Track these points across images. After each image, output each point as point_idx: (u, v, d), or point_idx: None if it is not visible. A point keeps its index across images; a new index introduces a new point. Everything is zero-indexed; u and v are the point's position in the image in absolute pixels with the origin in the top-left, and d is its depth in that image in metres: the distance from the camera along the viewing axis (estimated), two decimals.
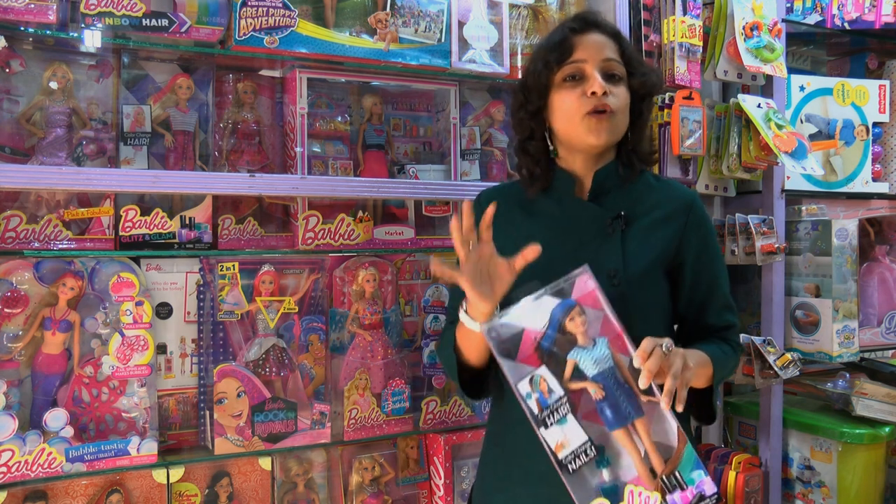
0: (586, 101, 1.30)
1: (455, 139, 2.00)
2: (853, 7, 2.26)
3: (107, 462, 1.53)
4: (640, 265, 1.32)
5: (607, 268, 1.30)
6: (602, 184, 1.37)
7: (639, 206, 1.37)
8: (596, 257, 1.29)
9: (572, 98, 1.32)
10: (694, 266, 1.39)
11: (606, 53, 1.33)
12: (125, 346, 1.59)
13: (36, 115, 1.61)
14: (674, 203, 1.39)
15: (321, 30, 1.74)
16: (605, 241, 1.33)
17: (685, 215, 1.38)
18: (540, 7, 2.04)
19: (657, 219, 1.37)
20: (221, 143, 1.79)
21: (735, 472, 2.04)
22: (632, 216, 1.35)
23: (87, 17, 1.53)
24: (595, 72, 1.31)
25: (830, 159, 2.26)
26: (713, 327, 1.43)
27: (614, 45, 1.35)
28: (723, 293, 1.44)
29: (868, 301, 2.32)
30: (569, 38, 1.33)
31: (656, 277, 1.35)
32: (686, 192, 1.43)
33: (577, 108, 1.31)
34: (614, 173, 1.38)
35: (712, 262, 1.42)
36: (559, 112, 1.35)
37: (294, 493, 1.78)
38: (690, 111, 1.95)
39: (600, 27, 1.36)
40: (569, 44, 1.33)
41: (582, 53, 1.32)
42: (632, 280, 1.30)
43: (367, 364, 1.80)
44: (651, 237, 1.35)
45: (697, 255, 1.39)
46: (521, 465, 1.34)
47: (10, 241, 1.54)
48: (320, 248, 1.79)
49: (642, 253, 1.33)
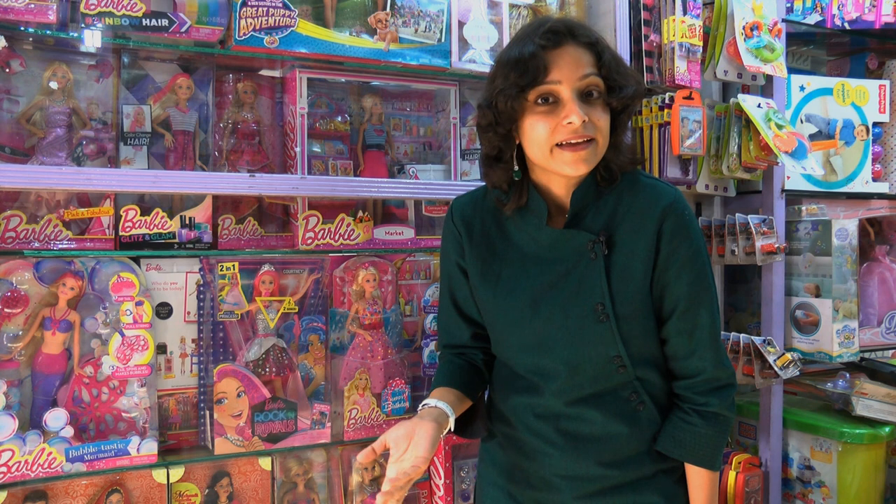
0: (562, 130, 1.16)
1: (455, 139, 2.00)
2: (853, 7, 2.26)
3: (107, 462, 1.53)
4: (627, 294, 1.21)
5: (592, 301, 1.21)
6: (581, 201, 1.25)
7: (619, 221, 1.24)
8: (580, 288, 1.22)
9: (546, 126, 1.17)
10: (657, 283, 1.23)
11: (583, 70, 1.17)
12: (125, 346, 1.59)
13: (36, 115, 1.61)
14: (649, 213, 1.23)
15: (321, 30, 1.74)
16: (588, 268, 1.22)
17: (658, 224, 1.22)
18: (540, 7, 2.04)
19: (638, 235, 1.22)
20: (221, 143, 1.79)
21: (735, 472, 2.04)
22: (613, 235, 1.23)
23: (87, 17, 1.53)
24: (572, 96, 1.16)
25: (830, 159, 2.26)
26: (678, 380, 1.26)
27: (591, 55, 1.19)
28: (698, 326, 1.23)
29: (868, 301, 2.32)
30: (540, 55, 1.16)
31: (645, 304, 1.23)
32: (663, 195, 1.24)
33: (550, 137, 1.17)
34: (592, 186, 1.25)
35: (679, 280, 1.22)
36: (530, 139, 1.20)
37: (294, 493, 1.78)
38: (690, 111, 1.95)
39: (575, 37, 1.18)
40: (542, 63, 1.15)
41: (556, 74, 1.15)
42: (619, 312, 1.21)
43: (367, 364, 1.80)
44: (634, 259, 1.22)
45: (663, 269, 1.22)
46: (516, 468, 1.33)
47: (10, 241, 1.54)
48: (320, 248, 1.79)
49: (627, 281, 1.22)
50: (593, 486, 1.26)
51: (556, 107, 1.17)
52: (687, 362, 1.25)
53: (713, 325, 1.25)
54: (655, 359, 1.28)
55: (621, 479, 1.26)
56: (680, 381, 1.27)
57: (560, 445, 1.26)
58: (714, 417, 1.24)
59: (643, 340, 1.25)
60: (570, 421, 1.26)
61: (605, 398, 1.25)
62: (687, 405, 1.25)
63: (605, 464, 1.25)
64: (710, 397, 1.24)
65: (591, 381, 1.25)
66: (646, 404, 1.26)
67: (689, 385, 1.25)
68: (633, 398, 1.25)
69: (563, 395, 1.26)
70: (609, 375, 1.24)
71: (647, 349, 1.26)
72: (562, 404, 1.26)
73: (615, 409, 1.25)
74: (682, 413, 1.25)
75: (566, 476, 1.27)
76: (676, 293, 1.23)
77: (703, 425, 1.23)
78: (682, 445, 1.24)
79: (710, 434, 1.23)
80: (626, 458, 1.26)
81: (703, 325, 1.24)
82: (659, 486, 1.27)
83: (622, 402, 1.25)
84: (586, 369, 1.24)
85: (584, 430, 1.26)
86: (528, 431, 1.30)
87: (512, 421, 1.33)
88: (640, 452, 1.26)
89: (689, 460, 1.25)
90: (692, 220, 1.26)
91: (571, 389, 1.25)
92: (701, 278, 1.24)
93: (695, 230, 1.25)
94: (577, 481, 1.26)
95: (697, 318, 1.23)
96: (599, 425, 1.25)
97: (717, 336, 1.26)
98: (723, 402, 1.24)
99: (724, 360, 1.26)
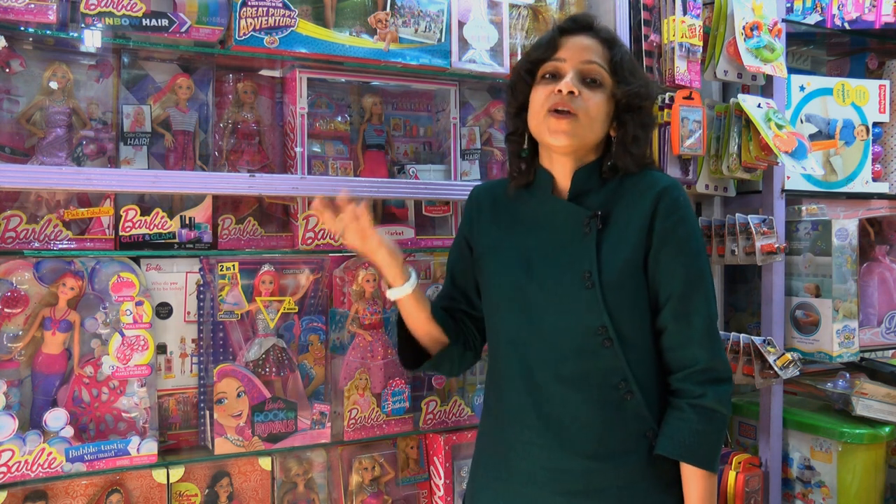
0: (553, 97, 1.27)
1: (455, 139, 2.00)
2: (853, 7, 2.26)
3: (107, 462, 1.53)
4: (614, 266, 1.26)
5: (581, 269, 1.27)
6: (582, 184, 1.32)
7: (618, 203, 1.30)
8: (572, 259, 1.28)
9: (542, 94, 1.29)
10: (653, 265, 1.27)
11: (589, 56, 1.29)
12: (125, 346, 1.59)
13: (36, 115, 1.61)
14: (646, 193, 1.29)
15: (321, 30, 1.74)
16: (581, 241, 1.29)
17: (653, 204, 1.27)
18: (540, 7, 2.04)
19: (632, 213, 1.28)
20: (221, 143, 1.79)
21: (735, 472, 2.04)
22: (610, 214, 1.29)
23: (87, 17, 1.53)
24: (571, 72, 1.28)
25: (830, 159, 2.26)
26: (673, 372, 1.28)
27: (604, 50, 1.30)
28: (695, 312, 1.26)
29: (868, 301, 2.32)
30: (556, 37, 1.31)
31: (634, 278, 1.27)
32: (661, 179, 1.31)
33: (542, 104, 1.28)
34: (596, 173, 1.33)
35: (675, 263, 1.26)
36: (531, 108, 1.32)
37: (294, 493, 1.78)
38: (690, 111, 1.95)
39: (593, 31, 1.32)
40: (554, 43, 1.31)
41: (563, 53, 1.30)
42: (606, 281, 1.25)
43: (367, 364, 1.80)
44: (626, 234, 1.27)
45: (658, 247, 1.26)
46: (503, 462, 1.34)
47: (10, 241, 1.53)
48: (320, 248, 1.79)
49: (617, 253, 1.26)
50: (577, 483, 1.26)
51: (556, 80, 1.29)
52: (683, 352, 1.26)
53: (709, 315, 1.26)
54: (647, 349, 1.28)
55: (605, 477, 1.25)
56: (676, 374, 1.27)
57: (542, 432, 1.27)
58: (710, 414, 1.24)
59: (630, 317, 1.26)
60: (553, 406, 1.27)
61: (592, 381, 1.26)
62: (682, 400, 1.25)
63: (588, 455, 1.25)
64: (707, 389, 1.24)
65: (576, 352, 1.25)
66: (634, 395, 1.25)
67: (684, 376, 1.26)
68: (621, 386, 1.25)
69: (548, 368, 1.27)
70: (595, 350, 1.25)
71: (636, 332, 1.27)
72: (548, 380, 1.27)
73: (600, 394, 1.26)
74: (677, 411, 1.26)
75: (549, 468, 1.27)
76: (674, 276, 1.25)
77: (698, 421, 1.23)
78: (678, 444, 1.23)
79: (706, 431, 1.23)
80: (610, 451, 1.25)
81: (699, 312, 1.25)
82: (644, 492, 1.26)
83: (610, 388, 1.25)
84: (572, 337, 1.26)
85: (565, 415, 1.26)
86: (513, 419, 1.32)
87: (500, 412, 1.35)
88: (627, 450, 1.26)
89: (685, 459, 1.24)
90: (688, 206, 1.30)
91: (557, 361, 1.26)
92: (697, 262, 1.27)
93: (690, 214, 1.30)
94: (560, 474, 1.26)
95: (694, 303, 1.26)
96: (582, 409, 1.25)
97: (713, 327, 1.27)
98: (719, 398, 1.24)
99: (720, 353, 1.27)
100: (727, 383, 1.27)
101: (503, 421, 1.35)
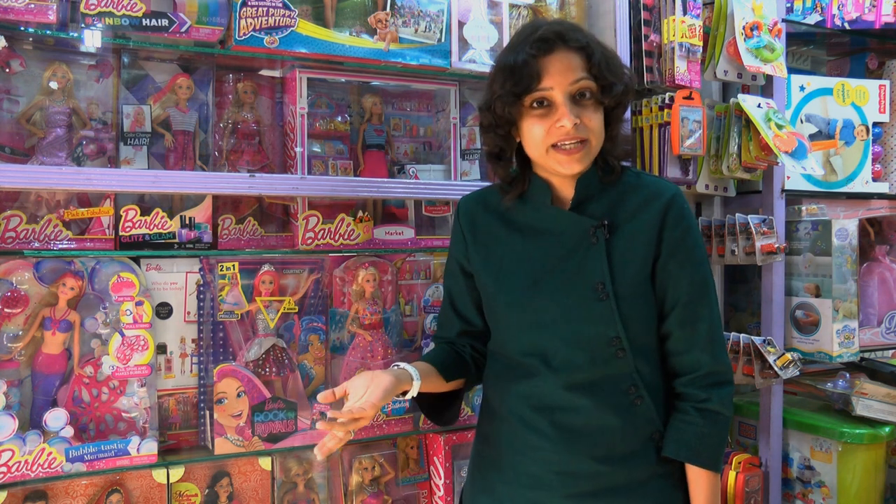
0: (555, 132, 1.23)
1: (455, 139, 2.00)
2: (853, 7, 2.26)
3: (107, 462, 1.53)
4: (627, 275, 1.25)
5: (593, 280, 1.25)
6: (584, 192, 1.31)
7: (621, 210, 1.30)
8: (580, 269, 1.26)
9: (541, 129, 1.24)
10: (660, 274, 1.27)
11: (574, 75, 1.22)
12: (125, 346, 1.59)
13: (36, 115, 1.61)
14: (653, 202, 1.29)
15: (321, 30, 1.74)
16: (590, 251, 1.27)
17: (661, 214, 1.28)
18: (540, 7, 2.04)
19: (640, 222, 1.28)
20: (221, 143, 1.79)
21: (735, 472, 2.04)
22: (615, 222, 1.28)
23: (87, 17, 1.53)
24: (564, 100, 1.22)
25: (830, 159, 2.26)
26: (679, 377, 1.29)
27: (582, 60, 1.24)
28: (700, 319, 1.27)
29: (868, 301, 2.32)
30: (532, 63, 1.22)
31: (646, 287, 1.27)
32: (665, 189, 1.31)
33: (545, 139, 1.24)
34: (595, 179, 1.31)
35: (682, 272, 1.27)
36: (528, 141, 1.27)
37: (294, 493, 1.78)
38: (690, 111, 1.95)
39: (566, 41, 1.23)
40: (534, 70, 1.22)
41: (548, 80, 1.22)
42: (619, 292, 1.25)
43: (368, 364, 1.80)
44: (635, 243, 1.27)
45: (667, 258, 1.27)
46: (508, 466, 1.33)
47: (10, 241, 1.53)
48: (320, 248, 1.79)
49: (628, 263, 1.26)
50: (586, 485, 1.26)
51: (550, 110, 1.24)
52: (687, 356, 1.28)
53: (713, 320, 1.29)
54: (654, 353, 1.29)
55: (614, 479, 1.25)
56: (681, 378, 1.29)
57: (553, 437, 1.27)
58: (714, 416, 1.26)
59: (642, 326, 1.27)
60: (565, 412, 1.27)
61: (603, 387, 1.26)
62: (687, 404, 1.27)
63: (598, 459, 1.25)
64: (711, 392, 1.27)
65: (590, 363, 1.25)
66: (644, 399, 1.26)
67: (689, 381, 1.28)
68: (631, 391, 1.26)
69: (560, 378, 1.26)
70: (608, 360, 1.25)
71: (646, 338, 1.28)
72: (559, 389, 1.26)
73: (611, 400, 1.25)
74: (682, 414, 1.27)
75: (558, 472, 1.27)
76: (680, 284, 1.27)
77: (703, 424, 1.25)
78: (685, 446, 1.25)
79: (710, 433, 1.26)
80: (619, 454, 1.26)
81: (703, 318, 1.28)
82: (654, 491, 1.27)
83: (620, 393, 1.26)
84: (585, 349, 1.25)
85: (577, 420, 1.26)
86: (521, 423, 1.30)
87: (505, 415, 1.34)
88: (635, 452, 1.26)
89: (692, 461, 1.26)
90: (692, 213, 1.33)
91: (569, 371, 1.26)
92: (702, 272, 1.29)
93: (695, 222, 1.32)
94: (569, 478, 1.26)
95: (699, 311, 1.28)
96: (594, 415, 1.25)
97: (717, 332, 1.29)
98: (722, 400, 1.27)
99: (723, 357, 1.30)
100: (729, 385, 1.30)
101: (509, 425, 1.33)
